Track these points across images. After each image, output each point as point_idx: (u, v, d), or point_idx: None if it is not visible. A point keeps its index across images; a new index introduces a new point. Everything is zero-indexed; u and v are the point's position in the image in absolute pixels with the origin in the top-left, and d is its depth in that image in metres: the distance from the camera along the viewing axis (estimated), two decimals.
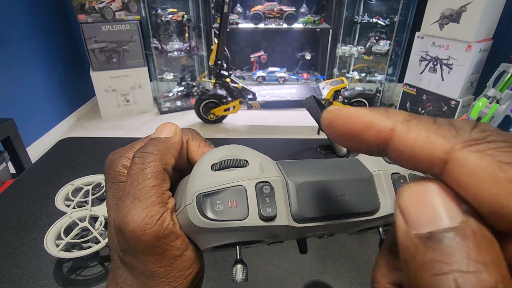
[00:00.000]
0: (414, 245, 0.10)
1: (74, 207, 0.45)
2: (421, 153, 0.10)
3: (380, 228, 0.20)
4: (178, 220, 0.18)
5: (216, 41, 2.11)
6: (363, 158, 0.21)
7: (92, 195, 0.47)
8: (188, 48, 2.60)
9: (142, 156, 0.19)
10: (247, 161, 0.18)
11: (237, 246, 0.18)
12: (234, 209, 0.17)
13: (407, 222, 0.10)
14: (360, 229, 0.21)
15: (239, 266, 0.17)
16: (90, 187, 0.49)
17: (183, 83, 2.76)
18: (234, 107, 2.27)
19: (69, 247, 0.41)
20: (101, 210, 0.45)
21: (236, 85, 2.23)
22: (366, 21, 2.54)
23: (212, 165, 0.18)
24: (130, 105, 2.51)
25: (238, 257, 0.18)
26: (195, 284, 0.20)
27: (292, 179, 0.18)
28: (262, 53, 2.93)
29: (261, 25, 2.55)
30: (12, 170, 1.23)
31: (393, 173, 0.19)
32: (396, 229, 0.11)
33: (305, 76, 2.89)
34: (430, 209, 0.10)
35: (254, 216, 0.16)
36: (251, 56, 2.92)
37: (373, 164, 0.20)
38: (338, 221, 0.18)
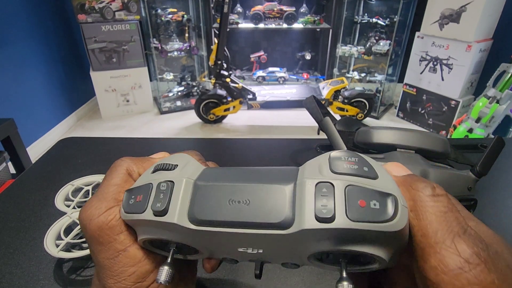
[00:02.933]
0: None
1: (74, 207, 0.45)
2: None
3: (342, 263, 0.16)
4: None
5: (216, 41, 2.11)
6: (305, 166, 0.18)
7: (92, 195, 0.47)
8: (188, 48, 2.60)
9: (117, 161, 0.22)
10: (176, 166, 0.19)
11: (172, 250, 0.19)
12: (138, 203, 0.18)
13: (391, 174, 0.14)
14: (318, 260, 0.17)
15: (165, 268, 0.18)
16: (90, 187, 0.49)
17: (183, 83, 2.76)
18: (234, 107, 2.27)
19: (69, 247, 0.41)
20: None
21: (236, 85, 2.23)
22: (366, 21, 2.54)
23: (153, 168, 0.20)
24: (130, 105, 2.51)
25: (169, 260, 0.18)
26: (144, 286, 0.20)
27: (200, 181, 0.18)
28: (262, 53, 2.93)
29: (261, 25, 2.55)
30: (12, 170, 1.23)
31: (320, 182, 0.15)
32: None
33: (305, 76, 2.89)
34: None
35: (148, 210, 0.17)
36: (251, 56, 2.92)
37: (308, 172, 0.17)
38: (237, 230, 0.16)
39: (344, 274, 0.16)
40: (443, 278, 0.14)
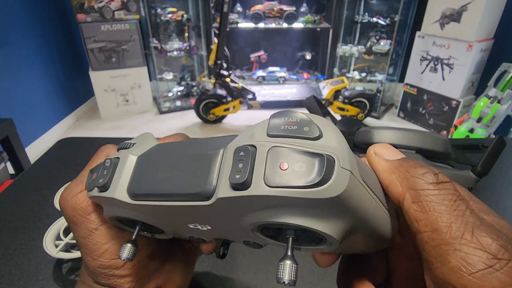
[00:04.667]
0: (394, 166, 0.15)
1: None
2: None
3: (290, 239, 0.14)
4: None
5: (216, 41, 2.11)
6: (245, 130, 0.16)
7: None
8: (187, 47, 2.59)
9: (101, 147, 0.22)
10: (134, 144, 0.19)
11: (137, 228, 0.19)
12: (93, 181, 0.18)
13: (382, 157, 0.16)
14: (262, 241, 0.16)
15: (128, 245, 0.18)
16: None
17: (183, 83, 2.76)
18: (234, 107, 2.27)
19: (68, 248, 0.40)
20: None
21: (236, 85, 2.23)
22: (367, 20, 2.53)
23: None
24: (129, 105, 2.51)
25: (133, 237, 0.19)
26: (119, 263, 0.21)
27: (142, 156, 0.18)
28: (262, 52, 2.92)
29: (261, 25, 2.54)
30: (11, 170, 1.23)
31: (240, 146, 0.14)
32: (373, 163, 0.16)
33: (305, 76, 2.88)
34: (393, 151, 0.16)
35: (95, 187, 0.18)
36: (251, 55, 2.92)
37: (241, 137, 0.15)
38: (167, 202, 0.16)
39: (289, 252, 0.14)
40: (470, 281, 0.11)
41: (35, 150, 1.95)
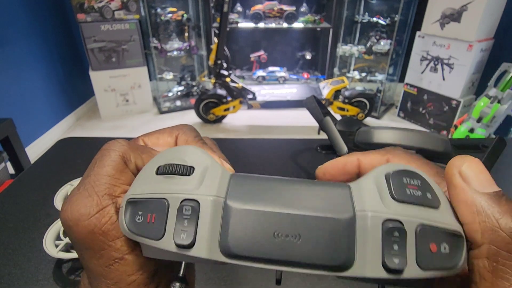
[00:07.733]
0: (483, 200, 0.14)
1: None
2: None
3: (380, 286, 0.15)
4: None
5: (216, 41, 2.11)
6: (359, 186, 0.15)
7: None
8: (187, 47, 2.59)
9: (109, 143, 0.17)
10: (193, 169, 0.15)
11: (183, 263, 0.16)
12: (151, 226, 0.14)
13: (469, 184, 0.14)
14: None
15: (177, 284, 0.16)
16: None
17: (183, 82, 2.76)
18: (234, 107, 2.27)
19: (68, 248, 0.40)
20: None
21: (236, 85, 2.23)
22: (367, 20, 2.53)
23: (159, 167, 0.16)
24: (129, 105, 2.51)
25: (181, 273, 0.16)
26: None
27: (233, 202, 0.14)
28: (262, 52, 2.92)
29: (261, 25, 2.54)
30: (11, 170, 1.23)
31: (387, 219, 0.13)
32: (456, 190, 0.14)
33: (306, 76, 2.88)
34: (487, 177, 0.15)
35: (169, 239, 0.14)
36: (251, 55, 2.92)
37: (367, 198, 0.14)
38: (285, 268, 0.14)
39: None
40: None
41: (35, 150, 1.95)
